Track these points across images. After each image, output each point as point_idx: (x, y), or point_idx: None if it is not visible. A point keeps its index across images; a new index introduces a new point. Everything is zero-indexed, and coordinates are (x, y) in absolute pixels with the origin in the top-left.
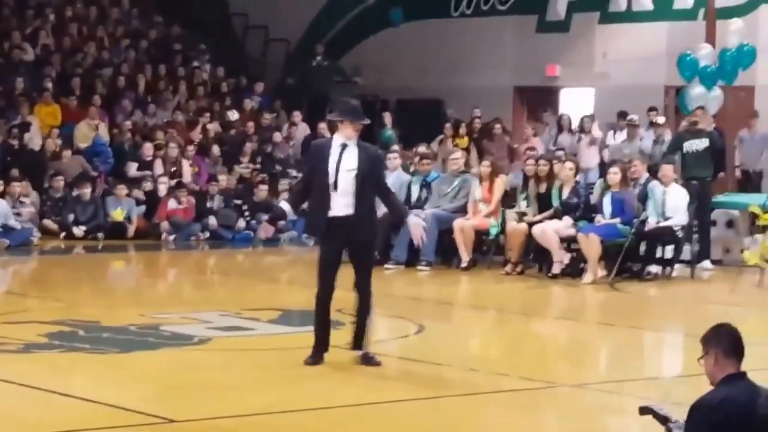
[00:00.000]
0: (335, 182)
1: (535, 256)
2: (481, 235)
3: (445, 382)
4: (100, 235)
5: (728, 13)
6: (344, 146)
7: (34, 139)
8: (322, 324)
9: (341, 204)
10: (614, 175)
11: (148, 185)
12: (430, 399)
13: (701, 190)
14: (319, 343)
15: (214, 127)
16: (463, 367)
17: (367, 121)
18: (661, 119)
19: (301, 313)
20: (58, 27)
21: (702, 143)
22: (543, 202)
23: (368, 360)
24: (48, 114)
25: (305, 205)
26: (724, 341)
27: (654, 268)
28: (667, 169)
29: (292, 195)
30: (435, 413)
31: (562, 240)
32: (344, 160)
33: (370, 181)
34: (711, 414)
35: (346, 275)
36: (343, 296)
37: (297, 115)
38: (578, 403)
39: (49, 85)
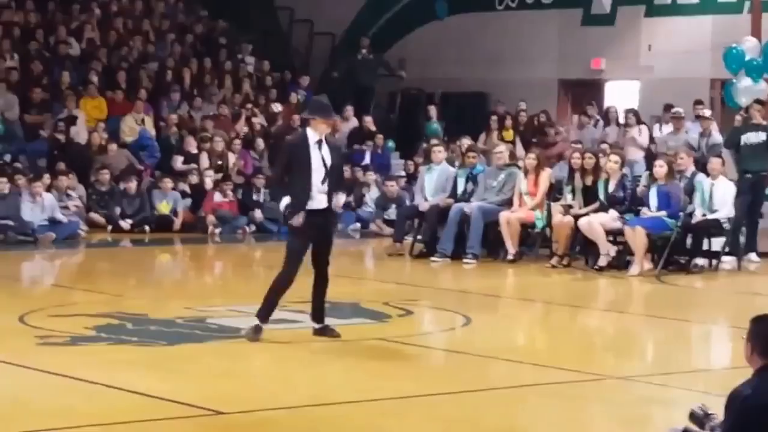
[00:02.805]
0: (323, 179)
1: (582, 249)
2: (526, 227)
3: (491, 374)
4: (147, 228)
5: None
6: (320, 143)
7: (80, 133)
8: (278, 302)
9: (319, 199)
10: (660, 167)
11: (194, 178)
12: (477, 392)
13: (755, 184)
14: (269, 316)
15: (259, 121)
16: (509, 360)
17: (337, 118)
18: (707, 112)
19: (347, 305)
20: (104, 21)
21: (759, 137)
22: (589, 195)
23: (330, 331)
24: (94, 108)
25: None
26: (762, 341)
27: (701, 261)
28: (715, 162)
29: (274, 188)
30: (481, 405)
31: (608, 233)
32: (325, 157)
33: (338, 174)
34: (744, 404)
35: (401, 268)
36: (391, 289)
37: (349, 110)
38: (625, 396)
39: (95, 79)
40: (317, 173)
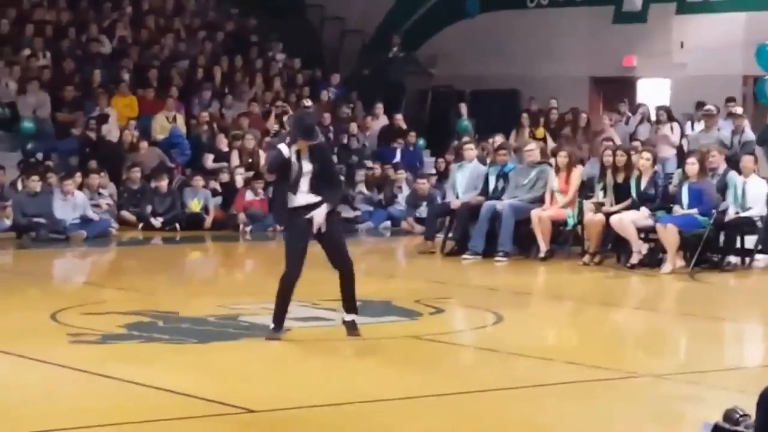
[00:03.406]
0: (298, 185)
1: (613, 247)
2: (558, 225)
3: (522, 372)
4: (178, 226)
5: None
6: (299, 152)
7: (111, 131)
8: (288, 302)
9: (303, 199)
10: (692, 165)
11: (224, 176)
12: (508, 389)
13: None
14: (283, 320)
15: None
16: (540, 357)
17: (316, 141)
18: (739, 109)
19: (378, 303)
20: (135, 19)
21: None
22: (620, 193)
23: (355, 328)
24: (125, 106)
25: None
26: None
27: (733, 259)
28: (747, 160)
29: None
30: (512, 403)
31: (640, 230)
32: (303, 165)
33: (321, 175)
34: None
35: (432, 266)
36: (422, 287)
37: (379, 108)
38: (657, 393)
39: (126, 77)
40: (297, 180)
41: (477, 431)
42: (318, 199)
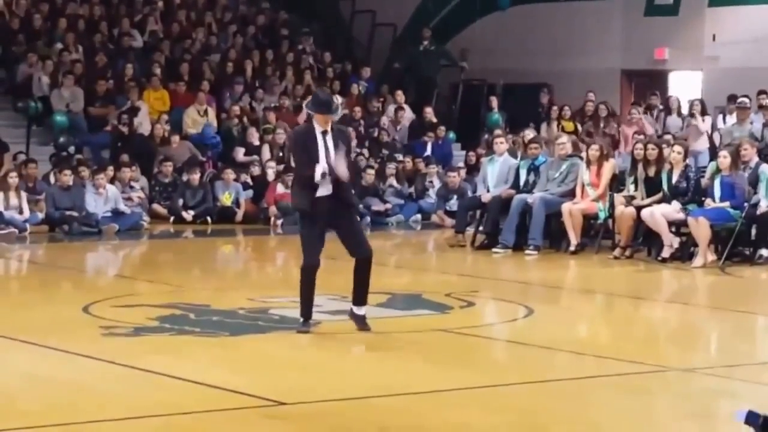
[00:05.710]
0: (328, 169)
1: (644, 240)
2: (589, 219)
3: (553, 365)
4: (209, 219)
5: None
6: (324, 133)
7: (143, 125)
8: (312, 293)
9: (326, 186)
10: (724, 158)
11: (255, 170)
12: (539, 383)
13: None
14: (310, 311)
15: None
16: (571, 351)
17: (335, 116)
18: None
19: (408, 296)
20: (167, 13)
21: None
22: (652, 186)
23: (365, 323)
24: (157, 99)
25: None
26: None
27: (765, 252)
28: None
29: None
30: (544, 397)
31: (671, 224)
32: (328, 146)
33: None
34: None
35: (462, 259)
36: (453, 280)
37: (399, 95)
38: (689, 387)
39: (158, 71)
40: (326, 164)
41: (507, 424)
42: (333, 189)
